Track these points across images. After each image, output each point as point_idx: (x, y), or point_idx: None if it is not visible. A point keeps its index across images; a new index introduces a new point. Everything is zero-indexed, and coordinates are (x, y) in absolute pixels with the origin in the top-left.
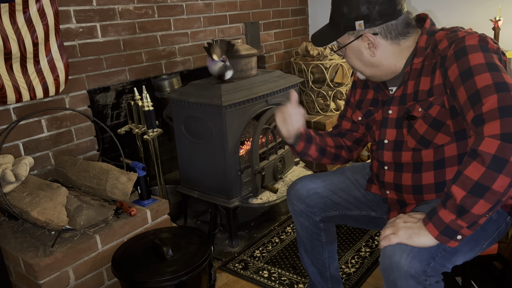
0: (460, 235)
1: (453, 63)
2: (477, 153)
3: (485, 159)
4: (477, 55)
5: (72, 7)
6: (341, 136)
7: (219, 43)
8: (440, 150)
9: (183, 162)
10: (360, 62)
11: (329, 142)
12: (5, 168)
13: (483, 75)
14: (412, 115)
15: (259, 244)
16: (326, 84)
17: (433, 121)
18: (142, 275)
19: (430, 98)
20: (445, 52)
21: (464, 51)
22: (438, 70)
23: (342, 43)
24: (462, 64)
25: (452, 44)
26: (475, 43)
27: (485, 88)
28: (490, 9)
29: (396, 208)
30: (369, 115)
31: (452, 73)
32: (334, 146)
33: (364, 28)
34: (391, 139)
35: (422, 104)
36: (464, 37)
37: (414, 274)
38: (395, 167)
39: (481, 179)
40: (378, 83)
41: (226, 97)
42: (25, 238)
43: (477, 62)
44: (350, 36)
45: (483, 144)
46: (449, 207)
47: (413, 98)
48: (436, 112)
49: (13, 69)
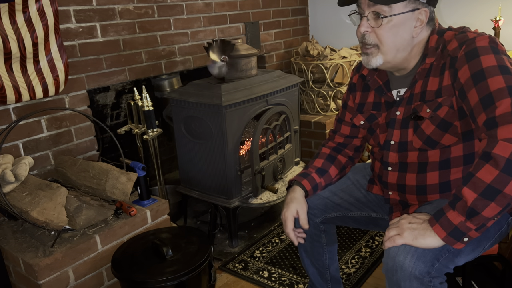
0: (467, 237)
1: (464, 64)
2: (491, 156)
3: (499, 163)
4: (489, 57)
5: (72, 7)
6: (343, 147)
7: (219, 43)
8: (447, 151)
9: (183, 162)
10: (394, 41)
11: (332, 173)
12: (4, 168)
13: (496, 78)
14: (419, 115)
15: (259, 244)
16: (326, 84)
17: (441, 122)
18: (142, 275)
19: (439, 99)
20: (455, 53)
21: (476, 52)
22: (447, 71)
23: (389, 12)
24: (474, 65)
25: (463, 45)
26: (486, 45)
27: (498, 91)
28: (491, 9)
29: (398, 209)
30: (372, 119)
31: (463, 75)
32: (339, 173)
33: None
34: (397, 140)
35: (430, 105)
36: (475, 38)
37: (418, 275)
38: (400, 167)
39: (494, 182)
40: (381, 85)
41: (226, 97)
42: (25, 238)
43: (490, 64)
44: (408, 5)
45: (497, 147)
46: (459, 208)
47: (420, 98)
48: (445, 113)
49: (12, 69)
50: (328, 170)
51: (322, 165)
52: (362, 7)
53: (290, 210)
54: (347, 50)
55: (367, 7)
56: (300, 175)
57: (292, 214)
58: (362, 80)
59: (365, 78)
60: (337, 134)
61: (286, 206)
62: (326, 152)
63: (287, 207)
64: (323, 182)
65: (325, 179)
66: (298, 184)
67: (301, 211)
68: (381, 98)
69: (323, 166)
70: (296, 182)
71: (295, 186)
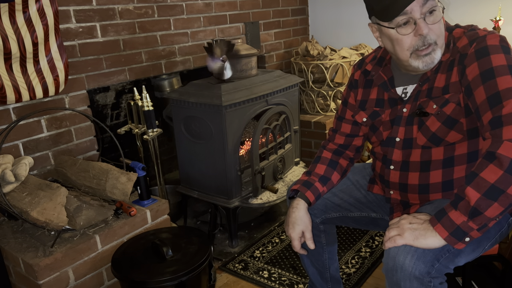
0: (469, 237)
1: (474, 62)
2: (495, 156)
3: (504, 163)
4: (499, 56)
5: (71, 7)
6: (344, 148)
7: (219, 43)
8: (451, 148)
9: (183, 162)
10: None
11: (335, 179)
12: (4, 168)
13: (505, 77)
14: (424, 111)
15: (259, 244)
16: (326, 84)
17: (447, 118)
18: (142, 275)
19: (446, 95)
20: (465, 50)
21: (486, 50)
22: (455, 67)
23: (437, 3)
24: (483, 63)
25: (474, 43)
26: (497, 43)
27: (507, 91)
28: (491, 9)
29: (399, 209)
30: (376, 116)
31: (471, 72)
32: (341, 177)
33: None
34: (402, 137)
35: (436, 101)
36: (485, 36)
37: (419, 275)
38: (402, 166)
39: (497, 182)
40: (385, 81)
41: (226, 97)
42: (25, 238)
43: (499, 63)
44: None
45: (502, 147)
46: (461, 208)
47: (427, 94)
48: (451, 110)
49: (12, 69)
50: (331, 177)
51: (325, 172)
52: (413, 12)
53: (296, 232)
54: (347, 50)
55: (420, 7)
56: (304, 185)
57: (298, 235)
58: (365, 76)
59: (368, 74)
60: (337, 133)
61: (291, 226)
62: (327, 157)
63: (293, 228)
64: (326, 190)
65: (327, 186)
66: (302, 197)
67: (307, 232)
68: (384, 94)
69: (325, 173)
70: (300, 194)
71: (298, 199)
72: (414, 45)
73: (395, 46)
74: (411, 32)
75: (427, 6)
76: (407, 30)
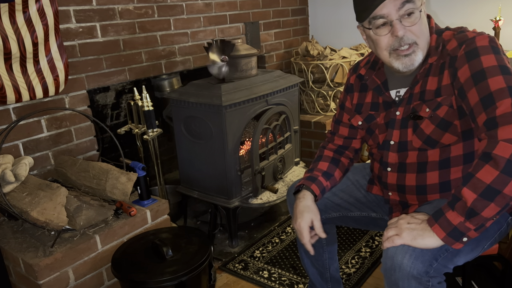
0: (466, 237)
1: (464, 64)
2: (491, 156)
3: (499, 163)
4: (489, 57)
5: (72, 7)
6: (344, 149)
7: (219, 43)
8: (446, 150)
9: (183, 162)
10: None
11: (337, 176)
12: (4, 168)
13: (496, 78)
14: (418, 115)
15: (259, 244)
16: (326, 84)
17: (440, 121)
18: (142, 275)
19: (438, 98)
20: (455, 52)
21: (476, 52)
22: (446, 70)
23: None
24: (474, 65)
25: (463, 45)
26: (486, 44)
27: (499, 91)
28: (491, 9)
29: (398, 209)
30: (371, 119)
31: (463, 74)
32: (343, 175)
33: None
34: (397, 140)
35: (429, 104)
36: (475, 38)
37: (417, 275)
38: (399, 168)
39: (493, 183)
40: (379, 85)
41: (226, 97)
42: (25, 238)
43: (490, 64)
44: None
45: (497, 148)
46: (458, 209)
47: (420, 97)
48: (444, 112)
49: (12, 69)
50: (333, 173)
51: (327, 168)
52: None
53: (305, 220)
54: (347, 50)
55: (396, 11)
56: (308, 179)
57: (307, 224)
58: (360, 80)
59: (362, 78)
60: (336, 135)
61: (299, 215)
62: (329, 155)
63: (301, 216)
64: (329, 185)
65: (331, 182)
66: (307, 189)
67: (316, 220)
68: (379, 98)
69: (328, 169)
70: (305, 186)
71: (305, 191)
72: (391, 44)
73: (375, 47)
74: (387, 33)
75: (404, 9)
76: (384, 31)
